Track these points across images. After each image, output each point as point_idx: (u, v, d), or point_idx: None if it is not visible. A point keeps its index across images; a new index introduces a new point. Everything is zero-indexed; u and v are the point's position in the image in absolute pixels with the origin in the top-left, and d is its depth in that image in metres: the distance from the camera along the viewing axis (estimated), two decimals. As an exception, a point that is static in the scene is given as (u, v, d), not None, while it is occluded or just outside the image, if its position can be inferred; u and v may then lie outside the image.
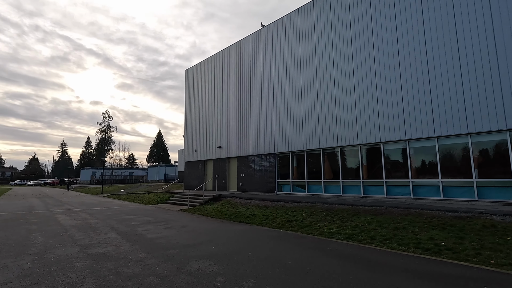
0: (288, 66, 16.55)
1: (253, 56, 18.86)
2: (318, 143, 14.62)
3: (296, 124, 15.82)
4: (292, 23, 16.68)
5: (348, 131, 13.52)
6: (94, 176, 71.60)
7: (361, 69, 13.24)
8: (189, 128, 24.34)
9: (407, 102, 11.70)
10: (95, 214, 12.79)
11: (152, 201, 19.23)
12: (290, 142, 16.04)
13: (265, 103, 17.68)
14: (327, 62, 14.64)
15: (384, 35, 12.59)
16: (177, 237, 7.69)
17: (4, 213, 13.17)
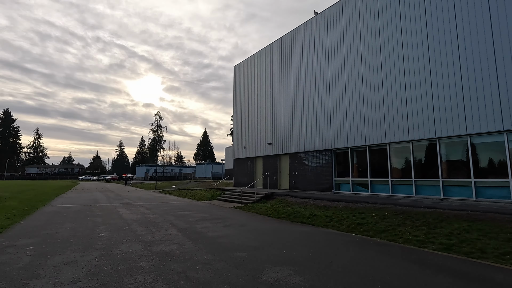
0: (347, 52, 15.10)
1: (306, 46, 17.71)
2: (384, 137, 13.00)
3: (356, 116, 14.34)
4: (350, 7, 15.18)
5: (421, 122, 11.71)
6: (148, 172, 76.59)
7: (441, 53, 11.34)
8: (237, 125, 24.08)
9: (506, 89, 9.60)
10: (153, 209, 12.94)
11: (203, 198, 19.27)
12: (349, 136, 14.62)
13: (320, 95, 16.44)
14: (395, 44, 12.92)
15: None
16: (239, 237, 7.06)
17: (73, 205, 14.06)
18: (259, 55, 22.02)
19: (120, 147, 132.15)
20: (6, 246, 5.73)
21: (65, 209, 12.56)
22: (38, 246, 5.80)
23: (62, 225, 8.42)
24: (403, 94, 12.42)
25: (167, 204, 15.53)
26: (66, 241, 6.31)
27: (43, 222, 8.80)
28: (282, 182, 19.00)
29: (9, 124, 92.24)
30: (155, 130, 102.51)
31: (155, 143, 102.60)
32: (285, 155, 18.86)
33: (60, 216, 10.17)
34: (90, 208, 13.07)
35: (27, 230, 7.51)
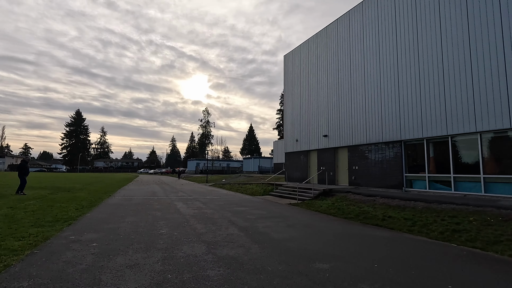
0: (422, 26, 12.89)
1: (368, 25, 15.76)
2: (474, 125, 10.75)
3: (433, 101, 12.19)
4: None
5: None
6: (198, 166, 79.86)
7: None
8: (288, 117, 22.96)
9: None
10: (208, 204, 12.65)
11: (256, 193, 18.70)
12: (424, 126, 12.53)
13: (386, 80, 14.47)
14: (487, 9, 10.50)
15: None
16: (310, 242, 6.07)
17: (134, 198, 14.52)
18: (312, 41, 20.50)
19: (173, 143, 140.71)
20: (72, 241, 5.58)
21: (127, 201, 12.93)
22: (101, 243, 5.54)
23: (124, 218, 8.37)
24: (502, 66, 10.03)
25: (221, 198, 15.23)
26: (128, 238, 6.00)
27: (107, 215, 8.89)
28: (340, 177, 17.46)
29: (80, 123, 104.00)
30: (204, 126, 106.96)
31: (204, 138, 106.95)
32: (343, 148, 17.25)
33: (122, 209, 10.32)
34: (149, 201, 13.29)
35: (92, 223, 7.51)
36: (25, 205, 10.10)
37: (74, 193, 15.57)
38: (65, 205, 10.48)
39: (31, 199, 11.95)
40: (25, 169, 13.86)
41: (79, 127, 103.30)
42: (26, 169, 13.91)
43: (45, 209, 9.45)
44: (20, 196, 12.68)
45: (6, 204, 10.02)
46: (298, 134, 21.54)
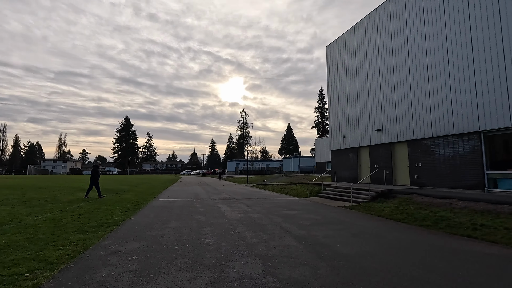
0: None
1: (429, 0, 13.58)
2: None
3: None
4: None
5: None
6: (238, 167, 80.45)
7: None
8: (333, 111, 21.23)
9: None
10: (253, 206, 11.72)
11: (301, 194, 17.42)
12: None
13: (456, 60, 12.22)
14: None
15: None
16: (391, 259, 4.72)
17: (177, 199, 14.19)
18: (359, 27, 18.60)
19: (212, 145, 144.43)
20: (111, 253, 4.95)
21: (171, 203, 12.57)
22: (142, 255, 4.83)
23: (167, 224, 7.75)
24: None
25: (266, 200, 14.24)
26: (171, 249, 5.24)
27: (150, 219, 8.39)
28: (398, 176, 15.41)
29: (129, 129, 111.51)
30: (242, 127, 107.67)
31: (242, 139, 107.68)
32: (401, 143, 15.18)
33: (166, 212, 9.83)
34: (192, 203, 12.80)
35: (134, 229, 6.98)
36: (74, 208, 10.12)
37: (121, 195, 15.79)
38: (111, 208, 10.32)
39: (81, 201, 12.14)
40: (97, 174, 14.30)
41: (128, 132, 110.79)
42: (97, 174, 14.36)
43: (92, 212, 9.29)
44: (72, 199, 13.01)
45: (57, 207, 10.14)
46: (345, 130, 19.74)
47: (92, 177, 14.19)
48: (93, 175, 14.20)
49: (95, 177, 14.16)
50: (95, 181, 14.10)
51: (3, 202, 11.18)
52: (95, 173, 14.26)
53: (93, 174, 14.22)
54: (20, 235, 6.01)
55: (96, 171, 14.42)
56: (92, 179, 14.13)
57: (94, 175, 14.20)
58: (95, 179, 14.13)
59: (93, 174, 14.24)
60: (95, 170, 14.43)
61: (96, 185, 14.10)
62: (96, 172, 14.37)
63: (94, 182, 14.09)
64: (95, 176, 14.17)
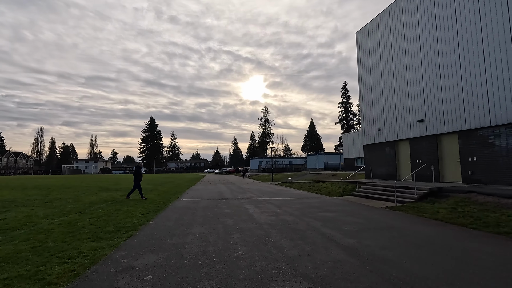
0: None
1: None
2: None
3: None
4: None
5: None
6: (261, 165, 79.60)
7: None
8: (366, 103, 19.51)
9: None
10: (283, 207, 10.60)
11: (333, 192, 16.04)
12: None
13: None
14: None
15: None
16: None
17: (201, 199, 13.39)
18: (395, 8, 16.78)
19: (234, 143, 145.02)
20: (122, 270, 4.07)
21: (194, 203, 11.77)
22: (158, 275, 3.89)
23: (190, 228, 6.85)
24: None
25: (295, 200, 13.06)
26: (194, 265, 4.26)
27: (172, 223, 7.54)
28: (446, 172, 13.59)
29: (154, 129, 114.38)
30: (264, 124, 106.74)
31: (264, 136, 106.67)
32: (450, 134, 13.34)
33: (189, 214, 8.98)
34: (217, 203, 11.92)
35: (154, 236, 6.12)
36: (94, 209, 9.56)
37: (145, 194, 15.31)
38: (132, 209, 9.66)
39: (103, 202, 11.66)
40: (139, 175, 13.53)
41: (153, 132, 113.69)
42: (140, 174, 13.60)
43: (111, 214, 8.64)
44: (95, 199, 12.61)
45: (77, 208, 9.64)
46: (380, 122, 18.02)
47: (135, 178, 13.31)
48: (136, 176, 13.34)
49: (138, 178, 13.29)
50: (137, 181, 13.24)
51: (26, 203, 10.92)
52: (137, 174, 13.41)
53: (136, 175, 13.38)
54: (28, 242, 5.33)
55: (139, 172, 13.57)
56: (135, 180, 13.24)
57: (137, 175, 13.34)
58: (137, 180, 13.26)
59: (136, 174, 13.41)
60: (137, 171, 13.60)
61: (139, 186, 13.26)
62: (139, 172, 13.53)
63: (137, 183, 13.23)
64: (138, 177, 13.30)
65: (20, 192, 15.76)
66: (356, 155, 33.41)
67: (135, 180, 13.28)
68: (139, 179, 13.39)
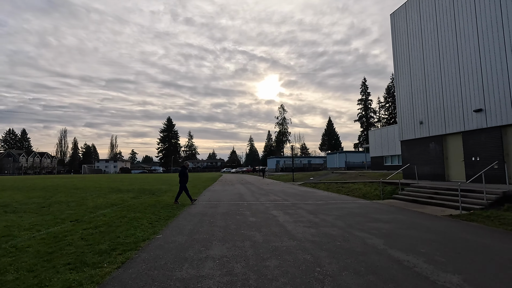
0: None
1: None
2: None
3: None
4: None
5: None
6: (278, 164, 77.51)
7: None
8: (404, 92, 17.16)
9: None
10: (319, 214, 8.70)
11: (368, 194, 13.97)
12: None
13: None
14: None
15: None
16: None
17: (220, 203, 11.71)
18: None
19: (250, 142, 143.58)
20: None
21: (212, 208, 10.10)
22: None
23: (208, 249, 5.12)
24: None
25: (329, 204, 11.11)
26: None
27: (184, 238, 5.86)
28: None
29: (171, 129, 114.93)
30: (280, 123, 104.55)
31: (281, 135, 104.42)
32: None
33: (206, 224, 7.28)
34: (238, 208, 10.20)
35: (157, 263, 4.44)
36: (95, 216, 8.08)
37: (158, 196, 13.86)
38: (139, 216, 8.11)
39: (109, 205, 10.22)
40: (185, 176, 11.71)
41: (170, 132, 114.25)
42: (186, 175, 11.76)
43: (113, 223, 7.09)
44: (100, 203, 11.22)
45: (75, 215, 8.19)
46: (422, 114, 15.66)
47: (180, 179, 11.63)
48: (182, 177, 11.64)
49: (184, 179, 11.62)
50: (183, 183, 11.62)
51: (19, 208, 9.57)
52: (183, 175, 11.67)
53: (182, 176, 11.66)
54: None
55: (185, 172, 11.78)
56: (181, 182, 11.59)
57: (183, 177, 11.63)
58: (183, 182, 11.61)
59: (181, 175, 11.67)
60: (183, 171, 11.80)
61: (185, 188, 11.68)
62: (185, 173, 11.76)
63: (183, 184, 11.62)
64: (184, 178, 11.62)
65: (23, 194, 14.73)
66: (384, 153, 30.78)
67: (181, 182, 11.58)
68: (185, 181, 11.66)
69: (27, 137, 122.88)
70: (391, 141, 29.45)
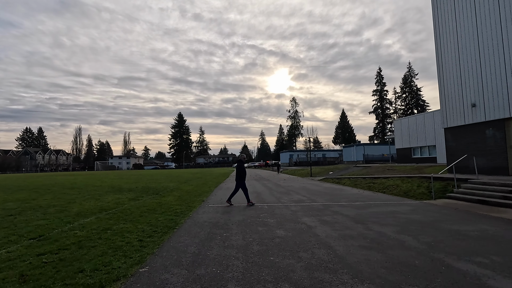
0: None
1: None
2: None
3: None
4: None
5: None
6: (292, 158, 74.93)
7: None
8: (449, 70, 14.44)
9: None
10: (369, 223, 6.40)
11: (411, 192, 11.59)
12: None
13: None
14: None
15: None
16: None
17: (235, 205, 9.56)
18: None
19: (262, 137, 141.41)
20: None
21: (225, 215, 7.97)
22: None
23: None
24: None
25: (370, 206, 8.78)
26: None
27: (183, 274, 3.74)
28: None
29: (182, 124, 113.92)
30: (292, 116, 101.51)
31: (293, 129, 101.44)
32: None
33: (217, 244, 5.11)
34: (257, 213, 8.03)
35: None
36: (71, 228, 6.08)
37: (161, 197, 11.89)
38: (129, 228, 6.07)
39: (96, 212, 8.24)
40: (243, 172, 9.66)
41: (181, 128, 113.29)
42: (243, 171, 9.69)
43: (87, 242, 5.05)
44: (87, 208, 9.28)
45: (44, 227, 6.21)
46: (475, 95, 12.97)
47: (238, 176, 9.61)
48: (239, 173, 9.63)
49: (241, 176, 9.60)
50: (242, 181, 9.60)
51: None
52: (241, 170, 9.67)
53: (239, 172, 9.66)
54: None
55: (242, 167, 9.73)
56: (238, 179, 9.59)
57: (240, 173, 9.63)
58: (241, 179, 9.59)
59: (239, 171, 9.68)
60: (240, 166, 9.78)
61: (243, 186, 9.61)
62: (242, 168, 9.72)
63: (241, 182, 9.60)
64: (241, 174, 9.62)
65: (8, 195, 13.05)
66: (412, 144, 27.89)
67: (238, 179, 9.57)
68: (243, 177, 9.60)
69: (44, 135, 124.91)
70: (421, 131, 26.54)
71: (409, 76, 78.09)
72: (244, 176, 9.67)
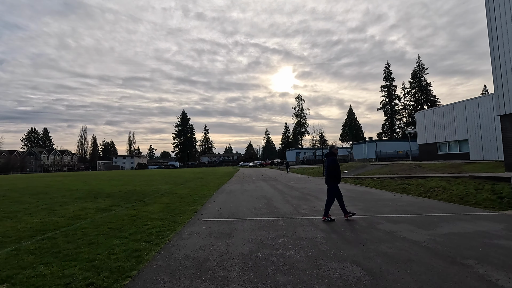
0: None
1: None
2: None
3: None
4: None
5: None
6: (299, 156, 72.08)
7: None
8: (507, 45, 11.47)
9: None
10: (470, 262, 3.62)
11: (468, 198, 8.95)
12: None
13: None
14: None
15: None
16: None
17: (238, 221, 6.83)
18: None
19: (267, 135, 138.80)
20: None
21: (221, 240, 5.23)
22: None
23: None
24: None
25: (431, 219, 5.95)
26: None
27: None
28: None
29: (186, 123, 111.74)
30: (298, 114, 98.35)
31: (299, 127, 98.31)
32: None
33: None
34: (271, 236, 5.28)
35: None
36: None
37: (144, 205, 9.22)
38: (42, 282, 3.38)
39: (30, 235, 5.57)
40: (335, 169, 6.63)
41: (185, 126, 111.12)
42: (335, 169, 6.64)
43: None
44: (18, 229, 6.66)
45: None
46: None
47: (328, 176, 6.70)
48: (330, 172, 6.64)
49: (335, 175, 6.62)
50: (335, 182, 6.65)
51: None
52: (333, 168, 6.65)
53: (331, 170, 6.64)
54: None
55: (334, 164, 6.69)
56: (331, 180, 6.66)
57: (332, 171, 6.62)
58: (335, 179, 6.64)
59: (331, 169, 6.65)
60: (333, 160, 6.75)
61: (336, 191, 6.63)
62: (334, 165, 6.68)
63: (334, 185, 6.65)
64: (334, 173, 6.61)
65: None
66: (439, 139, 24.82)
67: (332, 182, 6.63)
68: (337, 177, 6.62)
69: (49, 136, 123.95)
70: (449, 123, 23.47)
71: (418, 70, 74.60)
72: (339, 176, 6.63)
